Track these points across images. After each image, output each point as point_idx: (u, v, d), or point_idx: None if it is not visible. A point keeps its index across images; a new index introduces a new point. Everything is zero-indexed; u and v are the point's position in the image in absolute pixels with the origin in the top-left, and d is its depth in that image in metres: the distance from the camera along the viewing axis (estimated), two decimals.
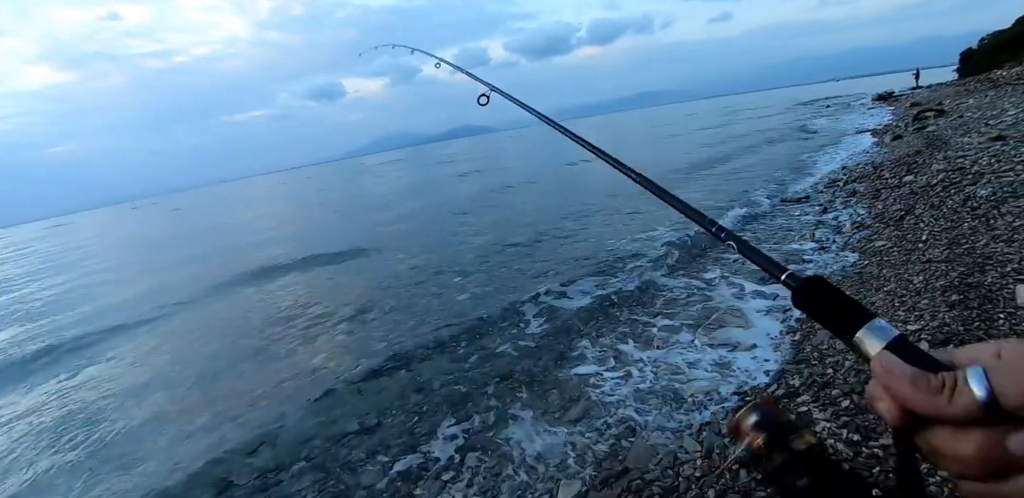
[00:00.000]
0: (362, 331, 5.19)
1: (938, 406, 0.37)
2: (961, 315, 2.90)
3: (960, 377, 0.37)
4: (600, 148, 1.10)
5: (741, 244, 0.64)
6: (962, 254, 3.71)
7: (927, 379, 0.38)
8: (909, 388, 0.39)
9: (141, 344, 6.19)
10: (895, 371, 0.40)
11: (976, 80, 20.06)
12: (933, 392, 0.38)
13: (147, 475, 3.33)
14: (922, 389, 0.38)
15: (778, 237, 5.99)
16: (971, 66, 27.82)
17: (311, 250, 10.14)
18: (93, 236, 30.41)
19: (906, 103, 19.62)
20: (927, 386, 0.38)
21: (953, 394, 0.37)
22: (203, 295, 8.15)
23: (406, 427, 3.30)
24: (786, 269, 0.55)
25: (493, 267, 6.87)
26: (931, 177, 6.08)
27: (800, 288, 0.51)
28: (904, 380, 0.39)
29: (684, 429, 2.74)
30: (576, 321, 4.52)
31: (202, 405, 4.19)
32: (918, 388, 0.38)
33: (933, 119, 11.68)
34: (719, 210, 7.93)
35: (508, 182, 17.83)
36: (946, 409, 0.37)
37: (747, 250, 0.63)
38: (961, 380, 0.37)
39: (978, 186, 5.02)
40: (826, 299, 0.49)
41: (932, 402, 0.38)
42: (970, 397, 0.36)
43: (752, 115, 35.60)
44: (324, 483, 2.90)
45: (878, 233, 4.99)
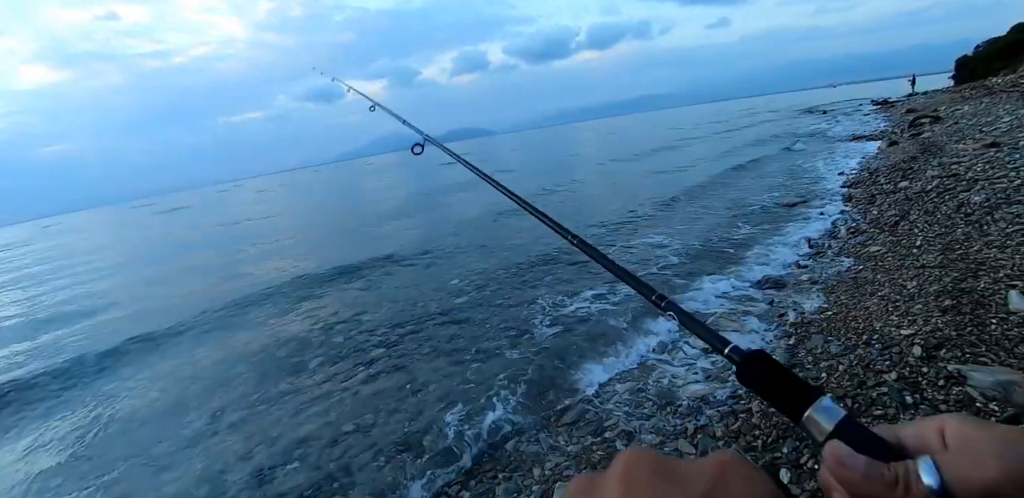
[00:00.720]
0: (359, 333, 5.18)
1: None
2: (954, 320, 2.92)
3: (912, 469, 0.37)
4: (533, 205, 1.04)
5: (681, 314, 0.62)
6: (956, 260, 3.74)
7: (880, 472, 0.38)
8: (862, 482, 0.39)
9: (142, 361, 6.16)
10: (847, 463, 0.40)
11: (971, 87, 20.22)
12: (887, 486, 0.38)
13: (141, 475, 3.32)
14: (875, 483, 0.38)
15: (773, 242, 6.01)
16: (966, 73, 28.06)
17: (313, 256, 10.12)
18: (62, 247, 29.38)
19: (902, 109, 19.76)
20: (880, 479, 0.38)
21: (908, 488, 0.37)
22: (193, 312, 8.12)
23: (402, 428, 3.30)
24: (728, 342, 0.54)
25: (490, 269, 6.87)
26: (926, 183, 6.13)
27: (744, 363, 0.50)
28: (858, 474, 0.39)
29: (679, 432, 2.75)
30: (574, 325, 4.54)
31: (197, 406, 4.18)
32: (871, 482, 0.38)
33: (929, 125, 11.77)
34: (721, 211, 7.96)
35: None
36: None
37: (689, 321, 0.61)
38: (913, 473, 0.37)
39: (972, 192, 5.06)
40: (771, 376, 0.48)
41: (887, 495, 0.37)
42: (923, 492, 0.36)
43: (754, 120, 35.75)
44: (319, 482, 2.90)
45: (873, 238, 5.02)
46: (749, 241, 6.25)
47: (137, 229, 29.80)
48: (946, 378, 2.44)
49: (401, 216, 13.54)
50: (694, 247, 6.40)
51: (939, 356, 2.64)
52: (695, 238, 6.83)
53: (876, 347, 2.93)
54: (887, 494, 0.37)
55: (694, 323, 0.60)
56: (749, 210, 8.01)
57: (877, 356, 2.83)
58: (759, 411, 2.70)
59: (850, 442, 0.41)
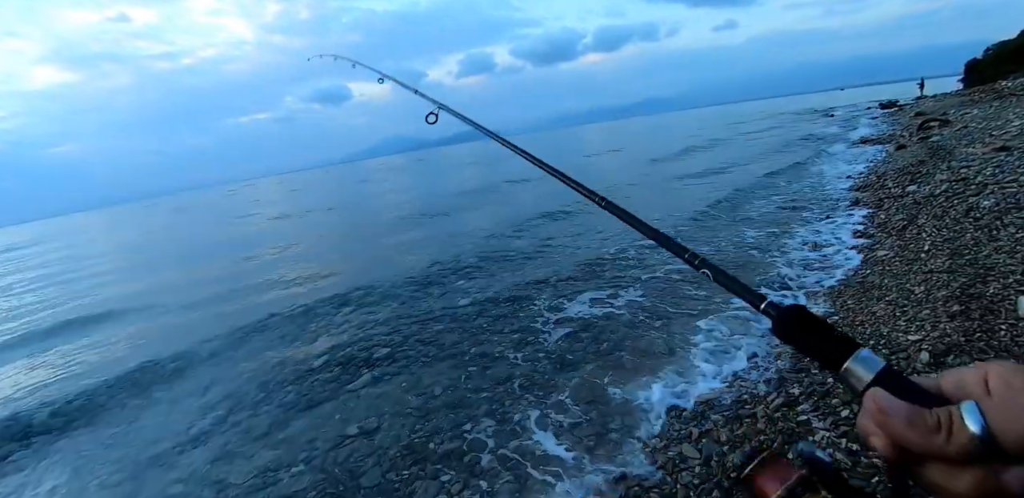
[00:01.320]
0: (364, 336, 5.20)
1: (935, 445, 0.37)
2: (962, 326, 2.90)
3: (955, 415, 0.37)
4: (558, 169, 1.03)
5: (716, 272, 0.62)
6: (964, 265, 3.71)
7: (923, 418, 0.38)
8: (905, 427, 0.39)
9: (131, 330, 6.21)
10: (889, 409, 0.40)
11: (981, 90, 20.06)
12: (930, 431, 0.37)
13: (146, 477, 3.34)
14: (919, 428, 0.38)
15: (780, 245, 5.99)
16: (976, 76, 27.86)
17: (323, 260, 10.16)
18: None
19: (910, 113, 19.63)
20: (924, 425, 0.38)
21: (951, 433, 0.37)
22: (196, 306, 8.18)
23: (405, 430, 3.31)
24: (764, 297, 0.53)
25: (496, 272, 6.88)
26: (934, 187, 6.08)
27: (781, 318, 0.50)
28: (900, 419, 0.39)
29: (683, 437, 2.74)
30: (575, 328, 4.53)
31: (202, 408, 4.20)
32: (914, 427, 0.38)
33: (937, 129, 11.68)
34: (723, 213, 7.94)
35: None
36: (944, 448, 0.37)
37: (723, 278, 0.60)
38: (957, 418, 0.37)
39: (981, 197, 5.02)
40: (809, 330, 0.48)
41: (929, 441, 0.37)
42: (967, 436, 0.36)
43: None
44: (323, 484, 2.91)
45: (880, 242, 4.99)
46: (753, 245, 6.22)
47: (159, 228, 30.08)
48: None
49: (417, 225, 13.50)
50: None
51: (947, 362, 2.62)
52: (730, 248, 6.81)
53: (883, 352, 2.91)
54: (930, 440, 0.37)
55: (729, 280, 0.59)
56: (755, 214, 7.97)
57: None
58: (764, 416, 2.69)
59: (892, 390, 0.41)
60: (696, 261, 0.65)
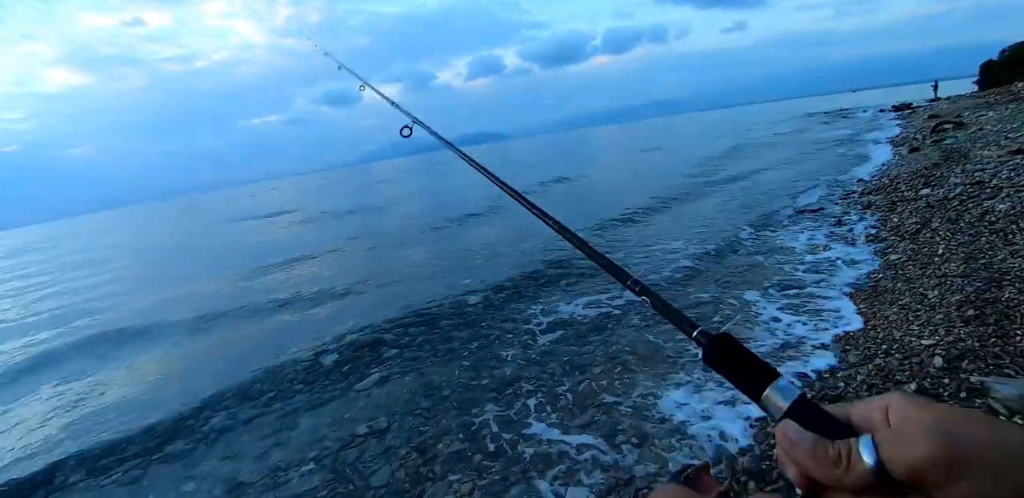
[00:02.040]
0: (373, 336, 5.23)
1: (835, 476, 0.40)
2: (977, 331, 2.87)
3: (853, 447, 0.40)
4: (516, 190, 1.04)
5: (655, 299, 0.65)
6: (979, 269, 3.67)
7: (825, 449, 0.41)
8: (809, 459, 0.41)
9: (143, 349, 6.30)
10: (796, 441, 0.43)
11: (997, 92, 19.80)
12: (831, 462, 0.40)
13: (155, 474, 3.39)
14: (821, 459, 0.41)
15: (791, 248, 5.94)
16: (992, 78, 27.49)
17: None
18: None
19: (924, 115, 19.40)
20: (825, 456, 0.41)
21: (848, 464, 0.39)
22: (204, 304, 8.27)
23: (414, 430, 3.33)
24: (697, 326, 0.56)
25: (503, 270, 6.90)
26: (948, 190, 6.01)
27: (709, 346, 0.52)
28: (805, 451, 0.42)
29: (692, 439, 2.74)
30: (586, 329, 4.53)
31: (213, 404, 4.25)
32: (817, 459, 0.41)
33: (952, 131, 11.54)
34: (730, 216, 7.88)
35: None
36: (842, 479, 0.39)
37: (660, 305, 0.63)
38: (855, 450, 0.39)
39: (997, 200, 4.96)
40: (734, 357, 0.50)
41: (830, 472, 0.40)
42: (862, 468, 0.38)
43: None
44: (333, 484, 2.93)
45: (893, 246, 4.94)
46: (762, 249, 6.18)
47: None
48: (968, 390, 2.40)
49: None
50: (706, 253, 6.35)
51: (961, 367, 2.59)
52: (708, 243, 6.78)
53: (896, 357, 2.88)
54: (831, 471, 0.40)
55: (665, 307, 0.62)
56: (768, 219, 7.92)
57: (896, 366, 2.78)
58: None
59: (803, 420, 0.44)
60: (637, 287, 0.68)
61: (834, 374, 2.96)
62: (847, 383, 2.80)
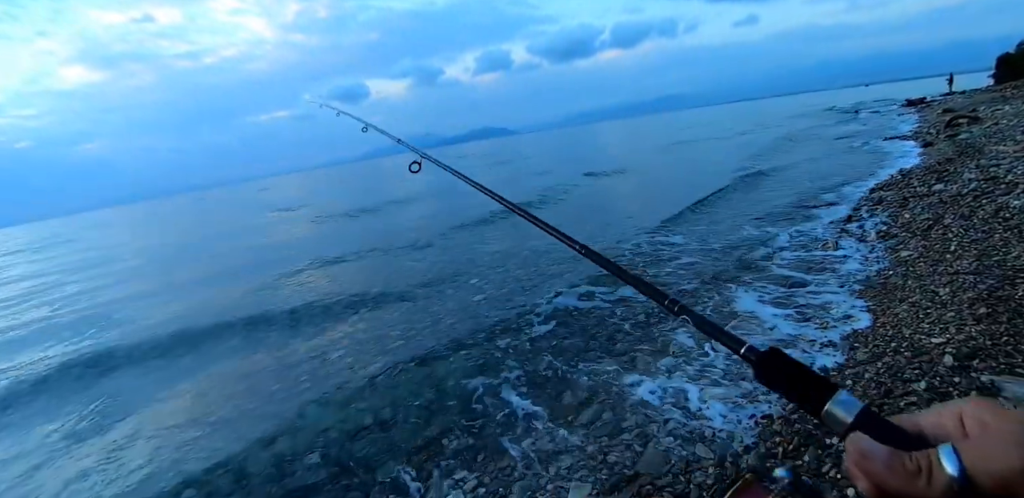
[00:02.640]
0: (379, 329, 5.26)
1: (916, 489, 0.38)
2: (988, 329, 2.82)
3: (934, 458, 0.38)
4: (536, 216, 0.98)
5: (696, 318, 0.62)
6: (992, 266, 3.61)
7: (902, 462, 0.39)
8: (886, 472, 0.39)
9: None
10: (870, 454, 0.41)
11: (1013, 86, 19.41)
12: (910, 475, 0.38)
13: (167, 464, 3.43)
14: (898, 473, 0.39)
15: (801, 245, 5.88)
16: (1008, 71, 26.90)
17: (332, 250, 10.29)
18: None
19: (938, 109, 19.07)
20: (903, 470, 0.39)
21: (930, 476, 0.37)
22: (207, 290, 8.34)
23: (419, 424, 3.35)
24: (744, 342, 0.54)
25: (510, 269, 6.89)
26: (962, 186, 5.91)
27: (760, 362, 0.51)
28: (880, 463, 0.40)
29: (697, 437, 2.72)
30: (590, 325, 4.52)
31: (221, 397, 4.30)
32: (894, 472, 0.39)
33: (966, 126, 11.34)
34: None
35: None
36: (924, 492, 0.37)
37: (703, 324, 0.61)
38: (935, 461, 0.38)
39: (1012, 196, 4.87)
40: (788, 373, 0.49)
41: (910, 485, 0.38)
42: (945, 479, 0.37)
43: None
44: (338, 475, 2.96)
45: (904, 243, 4.87)
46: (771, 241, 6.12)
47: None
48: (979, 389, 2.36)
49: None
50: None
51: (972, 366, 2.55)
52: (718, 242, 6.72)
53: (905, 355, 2.85)
54: (910, 484, 0.38)
55: (708, 326, 0.60)
56: (778, 216, 7.83)
57: (906, 364, 2.75)
58: (780, 417, 2.66)
59: (871, 433, 0.42)
60: (675, 307, 0.65)
61: (841, 372, 2.93)
62: (855, 381, 2.77)
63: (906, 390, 2.52)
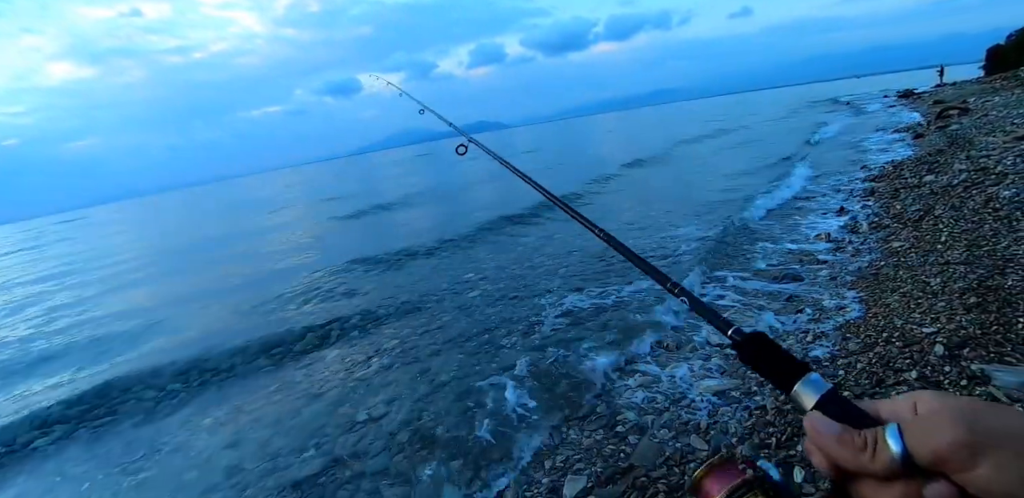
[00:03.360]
0: (374, 325, 5.24)
1: (861, 463, 0.41)
2: (979, 318, 2.84)
3: (880, 434, 0.41)
4: (564, 201, 1.11)
5: (692, 299, 0.70)
6: (982, 256, 3.63)
7: (851, 437, 0.43)
8: (836, 446, 0.43)
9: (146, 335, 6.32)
10: (823, 430, 0.45)
11: (1003, 77, 19.50)
12: (857, 450, 0.42)
13: (159, 463, 3.41)
14: (847, 447, 0.42)
15: (793, 236, 5.90)
16: (998, 63, 27.06)
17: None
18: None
19: (928, 100, 19.16)
20: (851, 444, 0.42)
21: (875, 451, 0.41)
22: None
23: (413, 417, 3.34)
24: (732, 324, 0.59)
25: (505, 265, 6.88)
26: (952, 177, 5.95)
27: (743, 344, 0.56)
28: (831, 439, 0.44)
29: (692, 428, 2.74)
30: (587, 319, 4.52)
31: (216, 395, 4.27)
32: (844, 446, 0.43)
33: (957, 117, 11.40)
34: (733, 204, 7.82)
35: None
36: (868, 465, 0.41)
37: (697, 305, 0.68)
38: (880, 438, 0.41)
39: (1001, 187, 4.90)
40: (766, 354, 0.53)
41: (856, 459, 0.42)
42: (887, 454, 0.40)
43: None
44: (333, 470, 2.95)
45: (895, 233, 4.90)
46: (764, 236, 6.14)
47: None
48: (969, 378, 2.38)
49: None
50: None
51: (962, 355, 2.57)
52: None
53: (896, 345, 2.87)
54: (857, 458, 0.42)
55: (702, 308, 0.67)
56: (770, 207, 7.85)
57: (897, 354, 2.77)
58: (773, 408, 2.67)
59: (831, 413, 0.46)
60: (676, 289, 0.74)
61: (834, 362, 2.95)
62: (847, 371, 2.79)
63: (898, 380, 2.54)
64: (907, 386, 2.45)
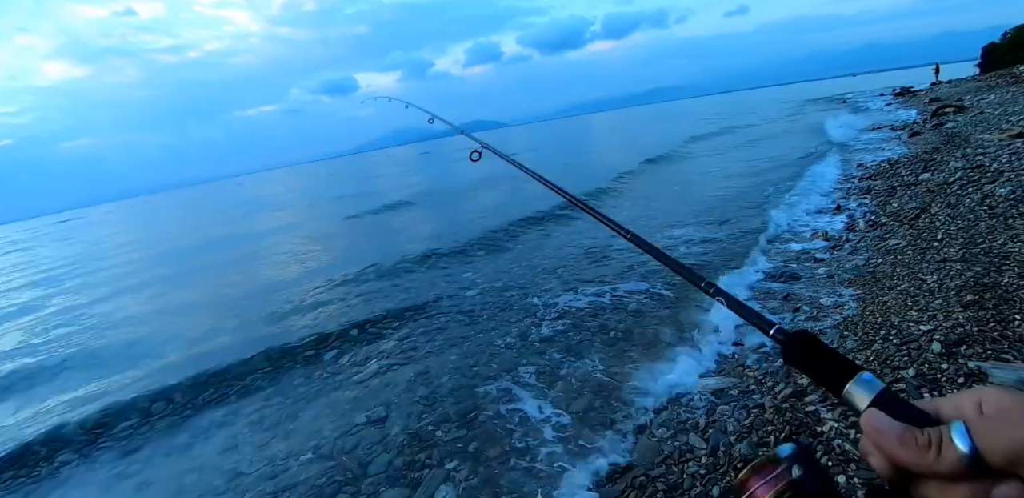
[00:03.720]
0: (373, 330, 5.22)
1: (926, 463, 0.39)
2: (976, 316, 2.85)
3: (945, 433, 0.39)
4: (586, 202, 1.09)
5: (729, 299, 0.67)
6: (978, 254, 3.64)
7: (914, 436, 0.40)
8: (898, 446, 0.41)
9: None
10: (883, 429, 0.42)
11: (998, 75, 19.57)
12: (921, 449, 0.40)
13: (158, 466, 3.40)
14: (910, 447, 0.40)
15: (790, 235, 5.91)
16: (993, 61, 27.16)
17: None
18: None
19: (924, 98, 19.22)
20: (915, 444, 0.40)
21: (940, 451, 0.39)
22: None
23: (412, 419, 3.33)
24: (774, 324, 0.57)
25: (503, 264, 6.88)
26: (948, 175, 5.97)
27: (788, 343, 0.53)
28: (893, 438, 0.41)
29: (690, 427, 2.74)
30: (584, 317, 4.52)
31: (215, 397, 4.26)
32: (906, 446, 0.40)
33: (952, 115, 11.44)
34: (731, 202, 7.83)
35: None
36: (934, 466, 0.39)
37: (736, 305, 0.65)
38: (946, 437, 0.39)
39: (997, 184, 4.92)
40: (814, 354, 0.51)
41: (921, 459, 0.39)
42: (955, 454, 0.38)
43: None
44: (331, 472, 2.94)
45: (892, 231, 4.91)
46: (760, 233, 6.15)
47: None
48: (966, 375, 2.39)
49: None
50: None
51: (959, 352, 2.58)
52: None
53: (894, 342, 2.87)
54: (922, 458, 0.40)
55: (741, 307, 0.64)
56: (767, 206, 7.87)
57: (895, 352, 2.77)
58: (772, 406, 2.67)
59: (888, 412, 0.44)
60: (711, 290, 0.71)
61: None
62: None
63: (896, 377, 2.54)
64: (905, 384, 2.46)
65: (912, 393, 2.36)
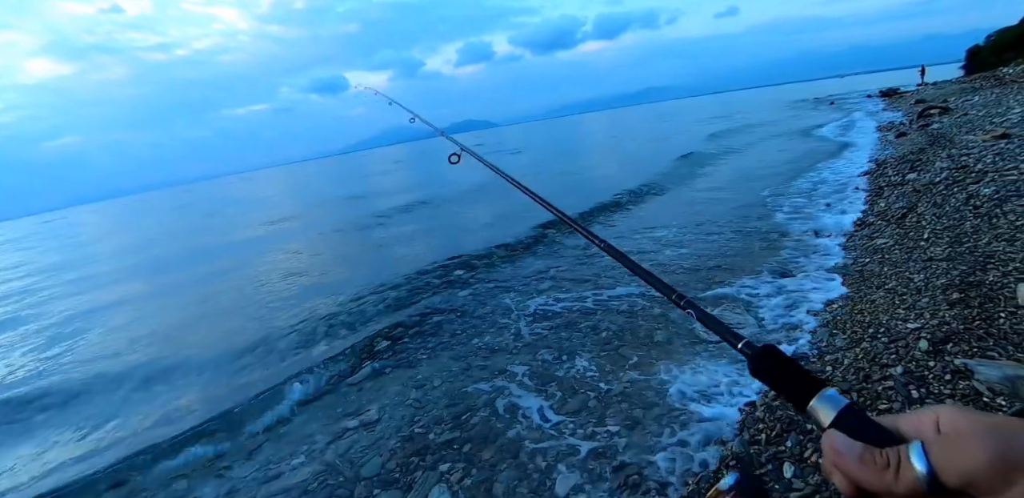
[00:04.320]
0: (364, 330, 5.20)
1: (885, 484, 0.39)
2: (961, 314, 2.89)
3: (903, 454, 0.39)
4: (564, 212, 1.08)
5: (699, 312, 0.67)
6: (964, 253, 3.70)
7: (873, 457, 0.41)
8: (857, 466, 0.41)
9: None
10: (843, 450, 0.43)
11: (982, 77, 19.89)
12: (879, 469, 0.40)
13: (149, 470, 3.35)
14: (869, 467, 0.41)
15: (778, 234, 5.97)
16: (977, 63, 27.60)
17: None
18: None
19: (910, 100, 19.48)
20: (873, 464, 0.40)
21: (898, 472, 0.39)
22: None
23: (405, 421, 3.32)
24: (742, 338, 0.58)
25: (496, 262, 6.87)
26: (934, 175, 6.05)
27: (755, 357, 0.53)
28: (852, 459, 0.42)
29: (681, 426, 2.75)
30: (576, 318, 4.53)
31: (204, 399, 4.21)
32: (865, 466, 0.41)
33: (938, 116, 11.60)
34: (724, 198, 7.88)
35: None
36: (892, 487, 0.39)
37: (705, 318, 0.65)
38: (904, 457, 0.39)
39: (981, 184, 4.99)
40: (780, 369, 0.51)
41: (879, 480, 0.40)
42: (913, 475, 0.38)
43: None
44: (323, 475, 2.92)
45: (880, 231, 4.97)
46: (753, 232, 6.20)
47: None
48: (953, 372, 2.42)
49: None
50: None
51: (946, 350, 2.61)
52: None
53: (882, 340, 2.91)
54: (880, 478, 0.40)
55: (710, 320, 0.64)
56: (756, 206, 7.94)
57: (883, 350, 2.81)
58: (763, 405, 2.70)
59: (849, 430, 0.44)
60: (682, 301, 0.71)
61: (821, 358, 2.98)
62: (834, 367, 2.82)
63: (884, 375, 2.57)
64: (893, 381, 2.49)
65: (900, 390, 2.39)
